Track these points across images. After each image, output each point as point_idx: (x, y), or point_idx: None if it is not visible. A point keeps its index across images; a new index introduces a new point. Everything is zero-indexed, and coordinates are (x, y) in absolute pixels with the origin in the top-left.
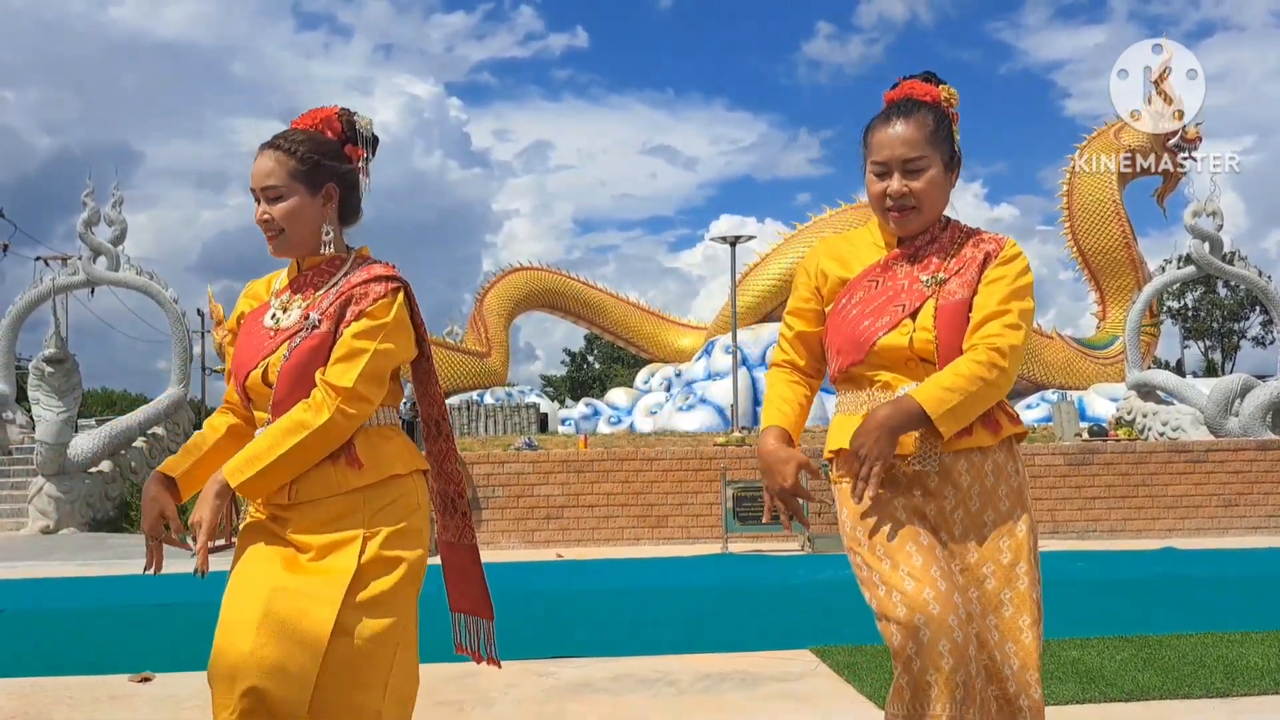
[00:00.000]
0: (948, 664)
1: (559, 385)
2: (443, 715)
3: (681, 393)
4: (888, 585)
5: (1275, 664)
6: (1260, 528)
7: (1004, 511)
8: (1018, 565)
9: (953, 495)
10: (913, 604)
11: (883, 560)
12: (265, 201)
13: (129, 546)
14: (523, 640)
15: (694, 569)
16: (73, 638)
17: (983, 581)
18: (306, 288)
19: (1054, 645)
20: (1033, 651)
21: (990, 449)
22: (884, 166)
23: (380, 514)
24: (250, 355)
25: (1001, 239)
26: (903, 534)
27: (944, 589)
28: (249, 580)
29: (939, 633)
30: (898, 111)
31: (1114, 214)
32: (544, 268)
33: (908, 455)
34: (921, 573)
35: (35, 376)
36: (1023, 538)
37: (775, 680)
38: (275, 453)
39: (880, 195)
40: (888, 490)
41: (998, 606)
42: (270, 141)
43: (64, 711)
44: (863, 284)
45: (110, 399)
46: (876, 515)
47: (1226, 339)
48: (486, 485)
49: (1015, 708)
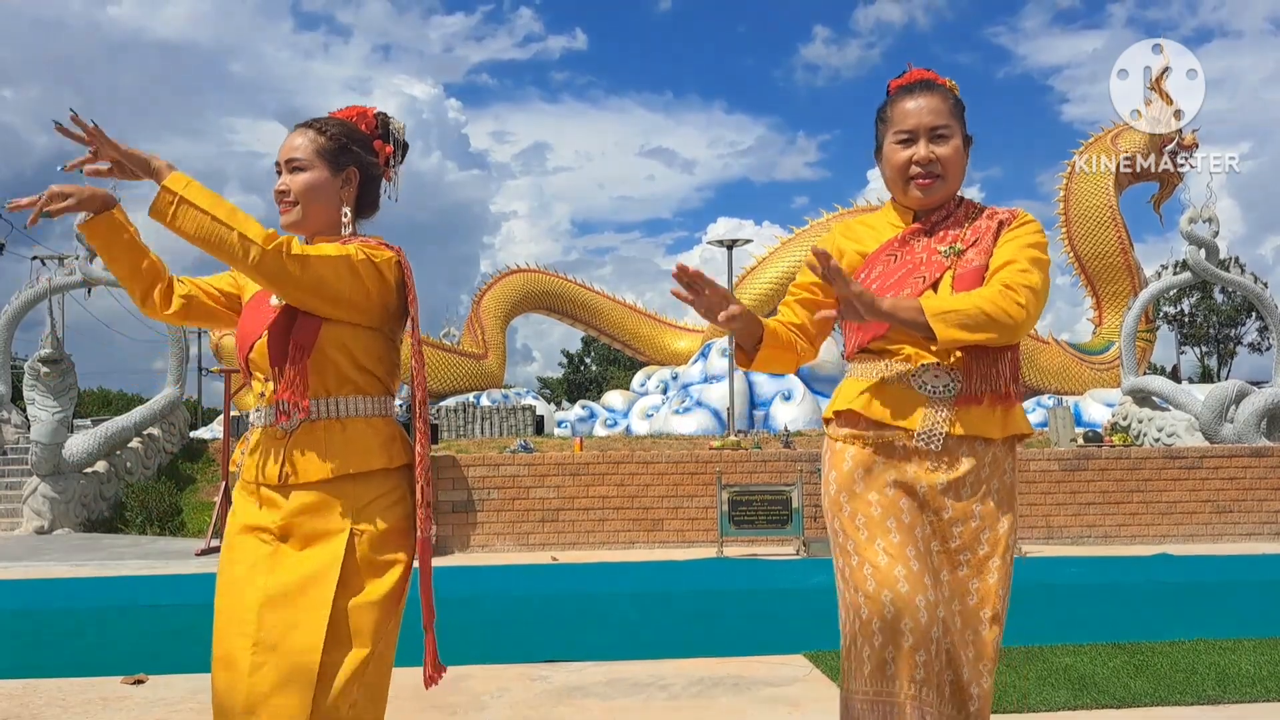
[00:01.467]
0: (908, 642)
1: (555, 387)
2: (435, 718)
3: (678, 395)
4: (861, 556)
5: (1267, 671)
6: (1254, 534)
7: (991, 506)
8: (991, 560)
9: (946, 476)
10: (883, 580)
11: (860, 530)
12: (286, 173)
13: (123, 547)
14: (516, 644)
15: (689, 572)
16: (66, 639)
17: (956, 568)
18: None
19: (1046, 651)
20: (989, 644)
21: (994, 442)
22: (910, 134)
23: (369, 507)
24: (254, 328)
25: (1015, 210)
26: (886, 508)
27: (916, 569)
28: (237, 598)
29: (903, 611)
30: (920, 87)
31: (1110, 219)
32: (541, 269)
33: (914, 430)
34: (897, 550)
35: (31, 376)
36: (1003, 534)
37: (768, 685)
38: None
39: (905, 164)
40: (881, 462)
41: (963, 594)
42: (305, 122)
43: (55, 713)
44: (881, 258)
45: (107, 399)
46: (864, 485)
47: (1223, 345)
48: (481, 488)
49: (966, 695)
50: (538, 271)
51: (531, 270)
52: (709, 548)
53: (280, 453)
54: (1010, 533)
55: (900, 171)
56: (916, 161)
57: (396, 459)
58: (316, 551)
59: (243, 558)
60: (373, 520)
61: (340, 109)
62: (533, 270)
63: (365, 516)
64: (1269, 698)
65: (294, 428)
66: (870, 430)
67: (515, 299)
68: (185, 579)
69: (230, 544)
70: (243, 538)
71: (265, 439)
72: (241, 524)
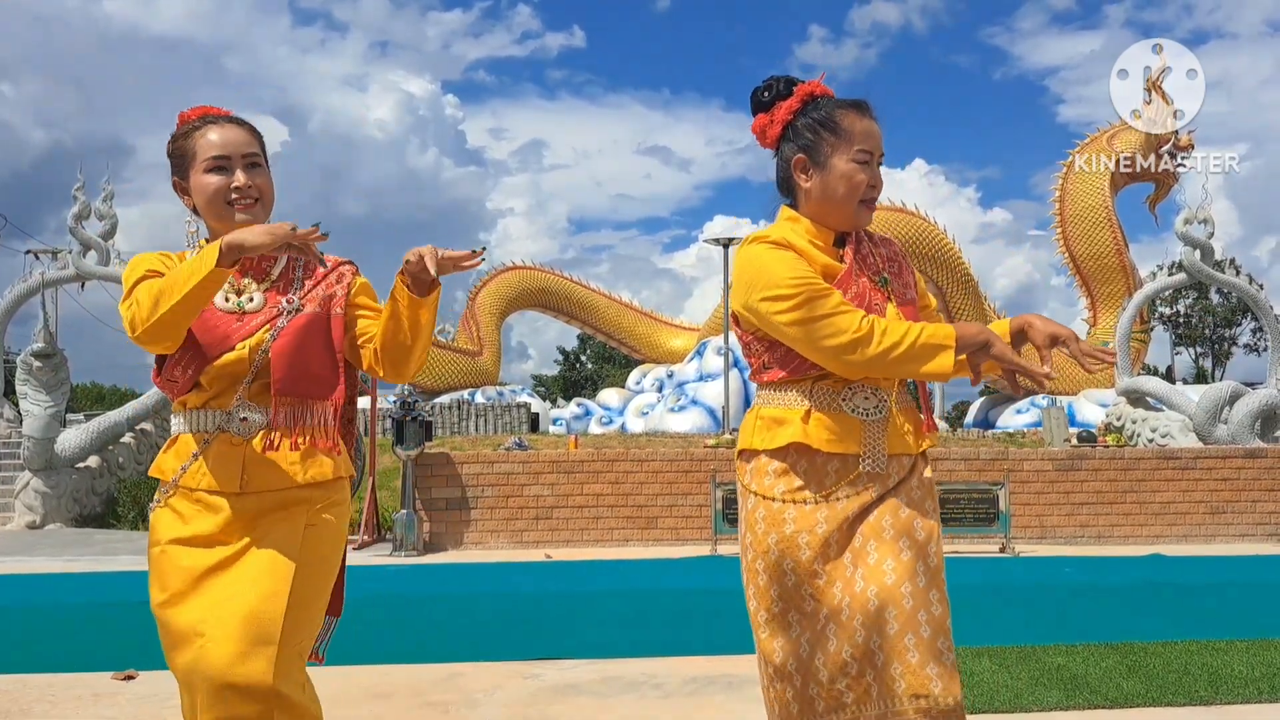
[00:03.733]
0: (794, 709)
1: (551, 385)
2: (427, 715)
3: (673, 394)
4: (760, 600)
5: (1260, 672)
6: (1247, 535)
7: (916, 499)
8: (930, 545)
9: (877, 491)
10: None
11: (761, 611)
12: (244, 169)
13: (115, 542)
14: (509, 641)
15: (683, 571)
16: (57, 634)
17: (899, 553)
18: (253, 272)
19: (1038, 651)
20: (941, 625)
21: (914, 455)
22: (869, 155)
23: (322, 513)
24: (219, 338)
25: (888, 237)
26: (803, 543)
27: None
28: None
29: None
30: (868, 107)
31: (1106, 220)
32: (537, 267)
33: (858, 454)
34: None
35: (23, 371)
36: (934, 524)
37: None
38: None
39: (863, 185)
40: (823, 517)
41: (912, 575)
42: (229, 117)
43: (45, 709)
44: (842, 286)
45: (100, 394)
46: (786, 519)
47: (1218, 346)
48: (475, 485)
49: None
50: (534, 269)
51: (527, 267)
52: (703, 546)
53: (237, 458)
54: (938, 522)
55: (855, 191)
56: (872, 185)
57: (351, 469)
58: (279, 531)
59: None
60: (322, 522)
61: (192, 109)
62: (529, 267)
63: (318, 518)
64: (1261, 699)
65: (252, 435)
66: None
67: (511, 296)
68: None
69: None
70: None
71: (217, 444)
72: (196, 534)
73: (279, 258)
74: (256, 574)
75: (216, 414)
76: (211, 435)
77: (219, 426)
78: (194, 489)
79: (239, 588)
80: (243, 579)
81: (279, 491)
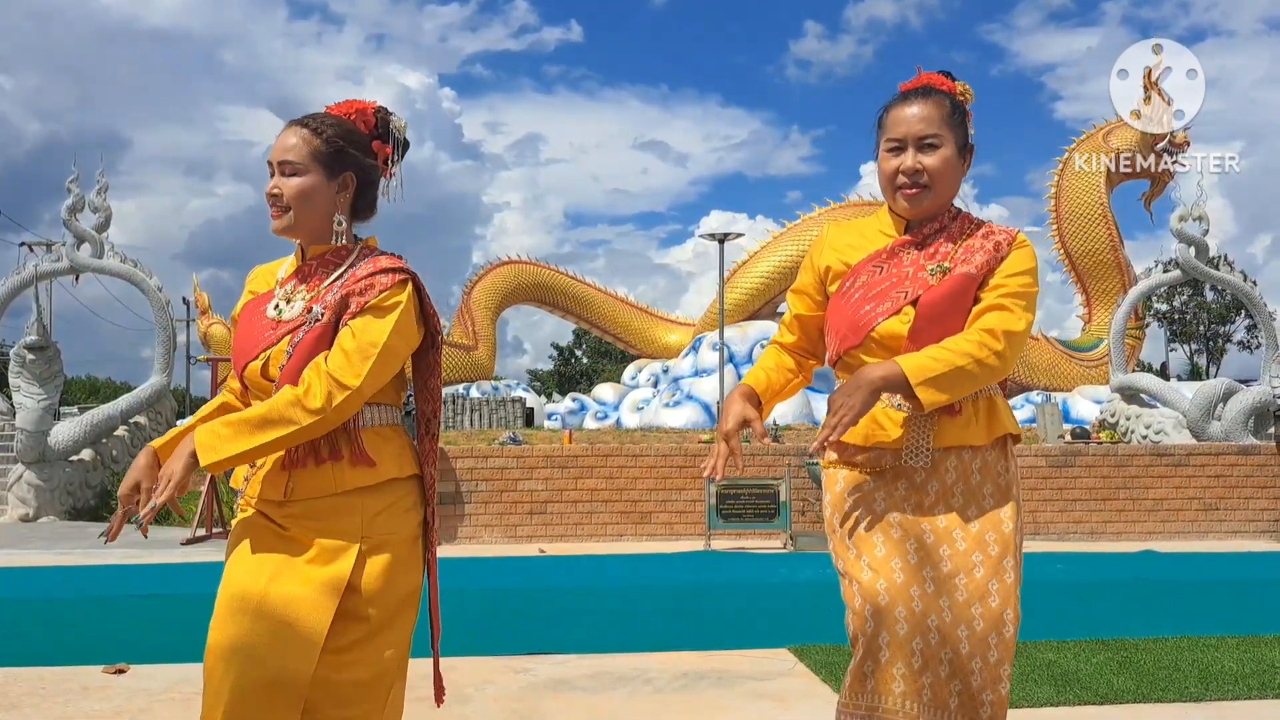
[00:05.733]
0: (884, 656)
1: (546, 380)
2: (417, 711)
3: (669, 389)
4: (849, 575)
5: (1250, 669)
6: (1240, 532)
7: (988, 508)
8: (1005, 559)
9: (935, 490)
10: (865, 594)
11: (849, 549)
12: (279, 175)
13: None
14: (501, 636)
15: (676, 566)
16: (48, 628)
17: (972, 570)
18: (311, 278)
19: (1029, 647)
20: (1011, 645)
21: (982, 448)
22: (899, 143)
23: (378, 519)
24: (250, 345)
25: (1012, 231)
26: (874, 525)
27: (900, 581)
28: (244, 576)
29: (881, 625)
30: (916, 93)
31: (1101, 217)
32: (533, 261)
33: (899, 450)
34: (881, 564)
35: (16, 363)
36: (1009, 533)
37: (752, 679)
38: (254, 441)
39: (893, 173)
40: (871, 481)
41: (984, 596)
42: (300, 119)
43: (34, 702)
44: (867, 268)
45: (94, 387)
46: (853, 504)
47: (1212, 343)
48: (470, 480)
49: (978, 702)
50: (529, 263)
51: (523, 262)
52: (697, 541)
53: (283, 478)
54: (1017, 532)
55: (889, 180)
56: (902, 171)
57: (407, 468)
58: (322, 572)
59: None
60: (382, 531)
61: (337, 103)
62: (524, 262)
63: (375, 528)
64: (1251, 695)
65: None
66: (858, 454)
67: (506, 291)
68: (171, 568)
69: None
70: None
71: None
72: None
73: (340, 263)
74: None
75: None
76: None
77: None
78: (251, 498)
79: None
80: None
81: (326, 501)
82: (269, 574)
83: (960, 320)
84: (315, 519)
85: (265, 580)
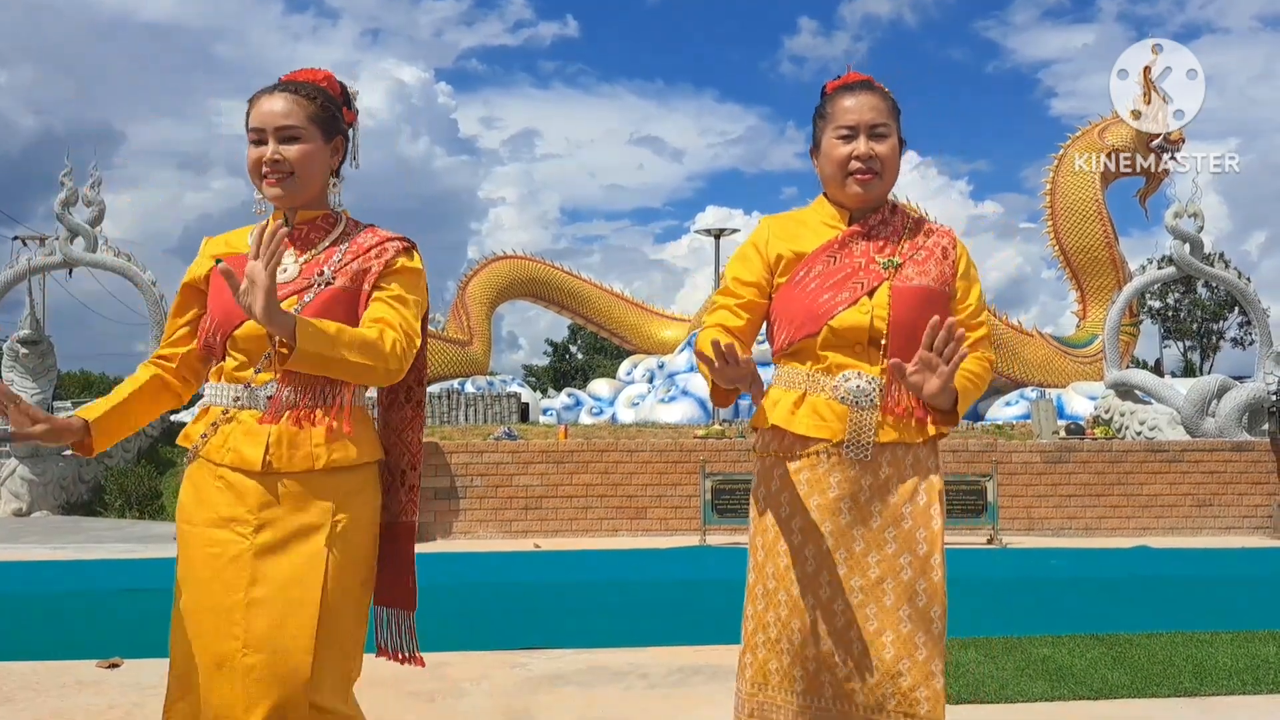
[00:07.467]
0: (787, 660)
1: (542, 375)
2: (413, 705)
3: (664, 384)
4: (757, 573)
5: (1244, 664)
6: (1233, 528)
7: (921, 505)
8: (932, 557)
9: (869, 486)
10: (768, 598)
11: (759, 550)
12: (277, 142)
13: (102, 530)
14: (497, 631)
15: (671, 561)
16: (42, 622)
17: (899, 572)
18: (300, 243)
19: (1024, 642)
20: (940, 640)
21: (915, 445)
22: (851, 130)
23: (350, 499)
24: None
25: (948, 230)
26: (795, 527)
27: (797, 593)
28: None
29: (784, 631)
30: (861, 85)
31: (1096, 214)
32: (528, 256)
33: (840, 443)
34: (784, 574)
35: (10, 357)
36: (937, 531)
37: None
38: (348, 356)
39: (845, 159)
40: (806, 479)
41: (911, 596)
42: (283, 86)
43: (28, 696)
44: (821, 258)
45: (88, 381)
46: (784, 505)
47: (1206, 340)
48: (465, 475)
49: (912, 699)
50: (525, 258)
51: (518, 257)
52: (692, 536)
53: (262, 437)
54: (942, 527)
55: (840, 167)
56: (857, 156)
57: (378, 452)
58: (300, 548)
59: (220, 551)
60: (352, 510)
61: (293, 72)
62: (520, 257)
63: (345, 507)
64: (1245, 690)
65: (278, 412)
66: (796, 445)
67: (501, 286)
68: (164, 562)
69: (202, 536)
70: (215, 531)
71: (242, 418)
72: (214, 515)
73: (331, 229)
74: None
75: (239, 387)
76: (233, 409)
77: (244, 400)
78: (218, 464)
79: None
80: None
81: (301, 477)
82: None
83: (923, 326)
84: (288, 503)
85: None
